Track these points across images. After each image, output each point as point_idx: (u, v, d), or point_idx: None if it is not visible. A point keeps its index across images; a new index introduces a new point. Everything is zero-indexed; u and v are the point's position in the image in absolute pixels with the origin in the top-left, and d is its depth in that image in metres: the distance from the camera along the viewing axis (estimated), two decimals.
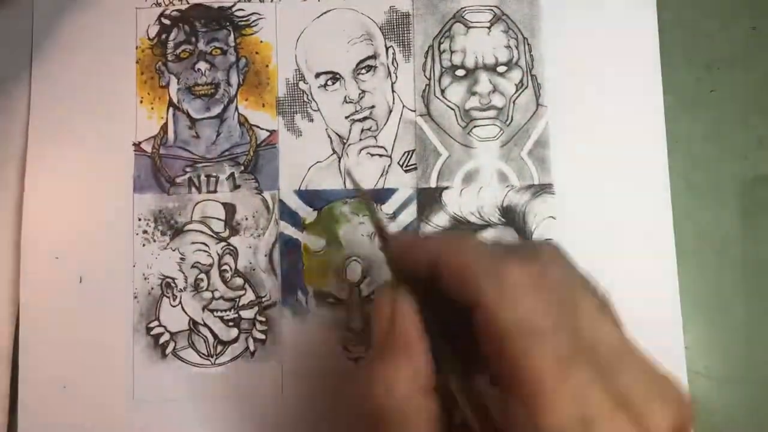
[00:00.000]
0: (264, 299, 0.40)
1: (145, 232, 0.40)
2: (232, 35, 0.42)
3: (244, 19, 0.42)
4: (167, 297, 0.40)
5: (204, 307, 0.40)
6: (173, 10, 0.42)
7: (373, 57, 0.41)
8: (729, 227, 0.40)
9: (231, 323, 0.39)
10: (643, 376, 0.22)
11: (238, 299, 0.40)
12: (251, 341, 0.39)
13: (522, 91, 0.41)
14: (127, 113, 0.41)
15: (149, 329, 0.39)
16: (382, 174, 0.41)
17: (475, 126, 0.41)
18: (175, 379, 0.39)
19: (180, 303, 0.40)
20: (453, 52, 0.41)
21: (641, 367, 0.22)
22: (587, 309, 0.23)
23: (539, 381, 0.21)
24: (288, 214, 0.40)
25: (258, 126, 0.41)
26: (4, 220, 0.40)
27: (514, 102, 0.41)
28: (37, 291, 0.39)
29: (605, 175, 0.40)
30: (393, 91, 0.41)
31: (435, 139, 0.41)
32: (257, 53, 0.42)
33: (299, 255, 0.40)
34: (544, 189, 0.40)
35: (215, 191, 0.40)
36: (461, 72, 0.41)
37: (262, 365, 0.39)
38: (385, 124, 0.41)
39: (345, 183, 0.40)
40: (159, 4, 0.42)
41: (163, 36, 0.42)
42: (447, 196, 0.40)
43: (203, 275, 0.40)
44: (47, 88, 0.41)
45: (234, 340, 0.39)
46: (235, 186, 0.40)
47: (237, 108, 0.41)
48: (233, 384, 0.39)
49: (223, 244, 0.40)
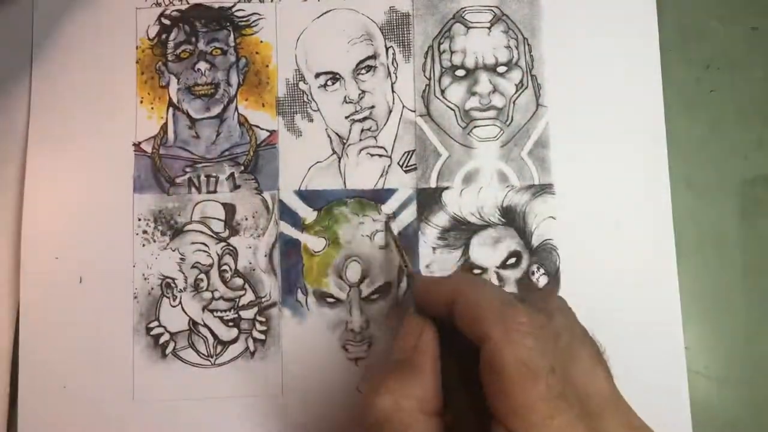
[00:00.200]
0: (264, 299, 0.40)
1: (145, 232, 0.40)
2: (232, 35, 0.42)
3: (244, 19, 0.42)
4: (167, 297, 0.40)
5: (204, 308, 0.40)
6: (173, 10, 0.42)
7: (373, 57, 0.41)
8: (729, 227, 0.40)
9: (231, 323, 0.39)
10: (626, 424, 0.24)
11: (237, 299, 0.40)
12: (251, 341, 0.39)
13: (522, 92, 0.41)
14: (127, 113, 0.41)
15: (149, 329, 0.39)
16: (382, 174, 0.41)
17: (475, 126, 0.41)
18: (175, 379, 0.39)
19: (180, 303, 0.40)
20: (453, 52, 0.41)
21: (625, 417, 0.24)
22: (584, 358, 0.25)
23: (530, 414, 0.23)
24: (288, 214, 0.40)
25: (258, 126, 0.41)
26: (4, 220, 0.40)
27: (514, 102, 0.41)
28: (37, 291, 0.39)
29: (605, 175, 0.40)
30: (393, 92, 0.41)
31: (435, 140, 0.41)
32: (257, 53, 0.42)
33: (299, 255, 0.40)
34: (544, 189, 0.40)
35: (215, 191, 0.40)
36: (461, 72, 0.41)
37: (262, 365, 0.39)
38: (385, 124, 0.41)
39: (345, 183, 0.40)
40: (159, 4, 0.42)
41: (163, 36, 0.42)
42: (447, 196, 0.40)
43: (203, 275, 0.40)
44: (47, 88, 0.41)
45: (234, 340, 0.39)
46: (235, 186, 0.40)
47: (237, 108, 0.41)
48: (233, 384, 0.39)
49: (223, 244, 0.40)
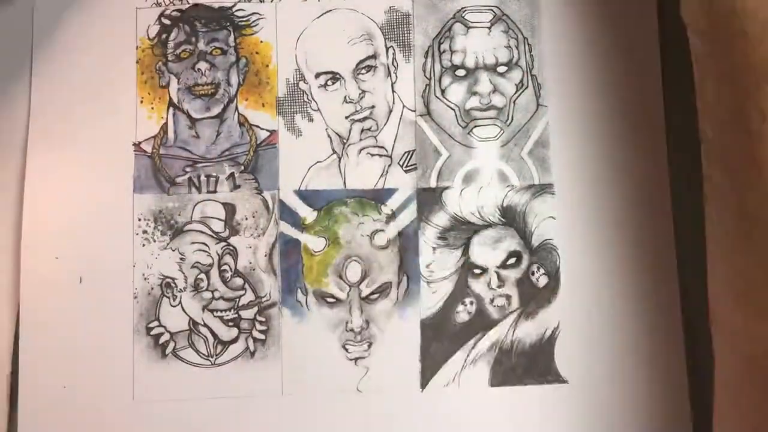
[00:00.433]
0: (264, 299, 0.40)
1: (145, 232, 0.40)
2: (232, 35, 0.42)
3: (244, 19, 0.42)
4: (167, 297, 0.40)
5: (204, 307, 0.40)
6: (173, 10, 0.42)
7: (373, 57, 0.41)
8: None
9: (231, 323, 0.39)
10: None
11: (237, 299, 0.40)
12: (251, 341, 0.39)
13: (522, 91, 0.41)
14: (127, 113, 0.41)
15: (149, 329, 0.39)
16: (382, 174, 0.41)
17: (476, 126, 0.41)
18: (175, 379, 0.39)
19: (180, 303, 0.40)
20: (453, 52, 0.41)
21: None
22: None
23: None
24: (288, 214, 0.40)
25: (258, 126, 0.41)
26: (4, 220, 0.40)
27: (514, 102, 0.41)
28: (37, 291, 0.39)
29: (605, 175, 0.40)
30: (393, 91, 0.41)
31: (435, 139, 0.41)
32: (257, 53, 0.42)
33: (299, 255, 0.40)
34: (544, 189, 0.40)
35: (215, 191, 0.40)
36: (461, 72, 0.41)
37: (262, 365, 0.39)
38: (385, 124, 0.41)
39: (345, 183, 0.40)
40: (159, 4, 0.42)
41: (164, 36, 0.42)
42: (447, 196, 0.40)
43: (203, 275, 0.40)
44: (47, 88, 0.41)
45: (234, 340, 0.39)
46: (235, 186, 0.40)
47: (237, 108, 0.41)
48: (233, 384, 0.39)
49: (223, 244, 0.40)
